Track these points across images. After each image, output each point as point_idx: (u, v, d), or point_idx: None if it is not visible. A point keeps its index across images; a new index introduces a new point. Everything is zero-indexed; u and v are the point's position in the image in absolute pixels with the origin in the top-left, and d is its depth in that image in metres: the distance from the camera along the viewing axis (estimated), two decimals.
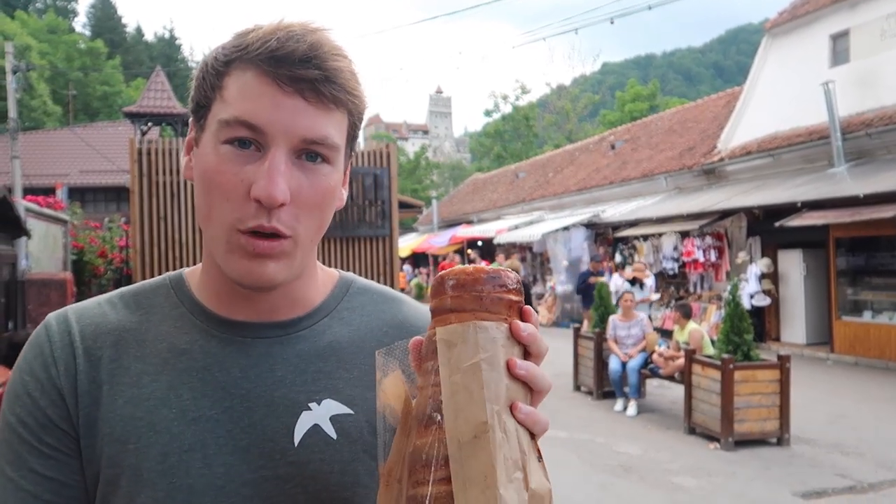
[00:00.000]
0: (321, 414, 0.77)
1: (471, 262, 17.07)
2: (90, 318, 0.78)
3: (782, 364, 6.49)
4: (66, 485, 0.71)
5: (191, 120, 0.78)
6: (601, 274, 13.62)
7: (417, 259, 25.96)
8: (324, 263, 0.91)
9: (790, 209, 11.43)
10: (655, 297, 12.84)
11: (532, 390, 0.61)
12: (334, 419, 0.77)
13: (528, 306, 0.64)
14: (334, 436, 0.76)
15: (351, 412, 0.78)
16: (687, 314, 7.73)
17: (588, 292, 11.87)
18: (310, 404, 0.77)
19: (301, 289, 0.81)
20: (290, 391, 0.77)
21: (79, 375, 0.74)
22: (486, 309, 0.61)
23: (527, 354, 0.62)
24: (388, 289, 0.93)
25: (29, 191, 16.18)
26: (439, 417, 0.58)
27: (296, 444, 0.75)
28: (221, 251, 0.72)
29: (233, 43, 0.72)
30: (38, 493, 0.70)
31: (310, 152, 0.72)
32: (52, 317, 0.79)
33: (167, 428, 0.72)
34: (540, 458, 0.60)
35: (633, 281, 11.00)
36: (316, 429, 0.76)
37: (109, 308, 0.80)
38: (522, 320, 0.62)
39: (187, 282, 0.83)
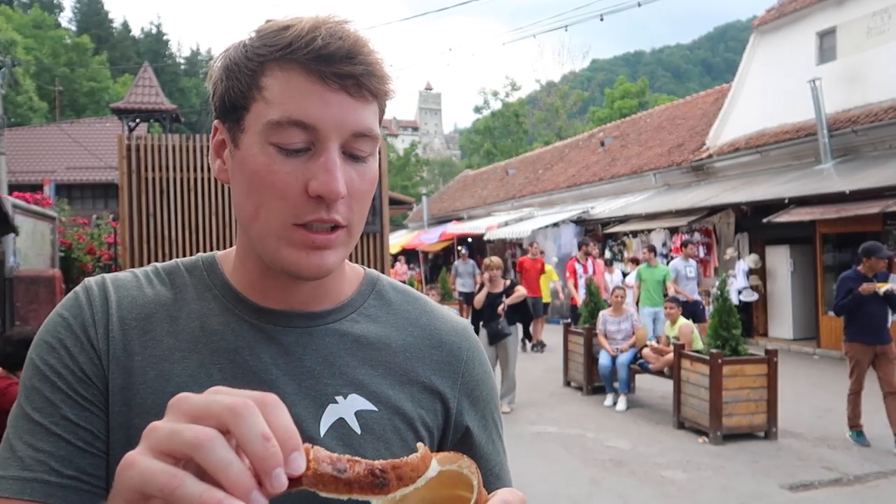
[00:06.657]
0: (347, 408, 0.78)
1: (459, 257, 17.11)
2: (127, 290, 0.79)
3: (770, 359, 6.56)
4: (97, 437, 0.72)
5: (216, 122, 0.78)
6: (885, 278, 7.31)
7: (408, 256, 25.94)
8: None
9: (778, 205, 11.52)
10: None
11: None
12: (359, 414, 0.78)
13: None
14: (359, 431, 0.78)
15: (375, 409, 0.79)
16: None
17: (860, 311, 6.29)
18: (336, 397, 0.78)
19: (332, 281, 0.82)
20: (317, 382, 0.78)
21: (113, 342, 0.75)
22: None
23: None
24: (411, 288, 0.94)
25: (15, 187, 16.04)
26: None
27: (321, 435, 0.76)
28: (273, 247, 0.74)
29: (266, 41, 0.71)
30: (71, 439, 0.70)
31: (355, 147, 0.73)
32: (91, 281, 0.80)
33: None
34: None
35: None
36: (341, 422, 0.77)
37: (146, 282, 0.81)
38: None
39: (220, 265, 0.84)
